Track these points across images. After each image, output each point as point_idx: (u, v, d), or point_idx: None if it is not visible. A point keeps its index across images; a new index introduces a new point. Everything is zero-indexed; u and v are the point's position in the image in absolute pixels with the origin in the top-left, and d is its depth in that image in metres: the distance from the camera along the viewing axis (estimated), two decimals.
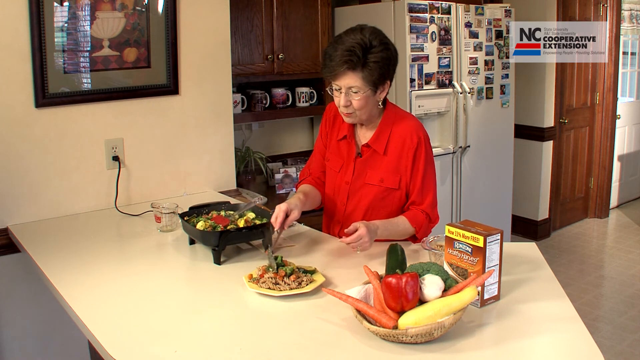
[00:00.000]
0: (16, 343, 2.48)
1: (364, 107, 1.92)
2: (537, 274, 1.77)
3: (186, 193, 2.86)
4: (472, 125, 3.92)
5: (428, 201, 2.01)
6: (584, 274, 4.37)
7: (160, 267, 1.96)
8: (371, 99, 1.93)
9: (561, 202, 5.30)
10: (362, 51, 1.83)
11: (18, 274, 2.43)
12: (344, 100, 1.91)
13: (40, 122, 2.44)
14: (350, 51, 1.83)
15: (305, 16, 3.57)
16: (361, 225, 1.83)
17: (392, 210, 2.04)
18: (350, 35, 1.86)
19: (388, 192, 2.03)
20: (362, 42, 1.84)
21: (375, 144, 2.02)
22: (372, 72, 1.85)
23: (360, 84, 1.87)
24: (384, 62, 1.86)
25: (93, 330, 1.49)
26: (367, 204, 2.05)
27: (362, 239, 1.83)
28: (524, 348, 1.39)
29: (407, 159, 1.99)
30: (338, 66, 1.85)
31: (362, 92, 1.88)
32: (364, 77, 1.86)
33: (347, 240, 1.83)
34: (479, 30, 3.96)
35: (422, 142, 1.99)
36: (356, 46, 1.83)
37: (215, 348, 1.42)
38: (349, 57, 1.83)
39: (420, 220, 2.00)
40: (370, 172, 2.04)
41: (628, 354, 3.25)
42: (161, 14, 2.67)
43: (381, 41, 1.87)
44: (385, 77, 1.91)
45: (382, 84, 1.92)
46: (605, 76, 5.34)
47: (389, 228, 1.95)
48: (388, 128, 2.01)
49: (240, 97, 3.45)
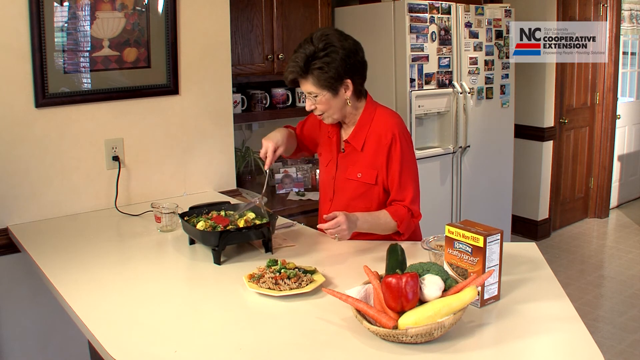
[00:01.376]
0: (16, 343, 2.48)
1: (330, 109, 2.01)
2: (537, 274, 1.77)
3: (186, 193, 2.86)
4: (472, 125, 3.92)
5: (409, 197, 2.04)
6: (584, 274, 4.37)
7: (160, 267, 1.96)
8: (334, 100, 1.99)
9: (561, 202, 5.30)
10: (304, 60, 1.93)
11: (18, 274, 2.43)
12: (308, 104, 2.04)
13: (40, 122, 2.44)
14: (295, 62, 1.95)
15: (305, 16, 3.57)
16: (340, 214, 1.88)
17: (372, 206, 2.08)
18: (301, 47, 1.96)
19: (366, 187, 2.07)
20: (307, 50, 1.93)
21: (354, 141, 2.08)
22: (318, 77, 1.94)
23: (314, 89, 1.97)
24: (329, 66, 1.92)
25: (93, 330, 1.49)
26: (348, 198, 2.10)
27: (340, 226, 1.86)
28: (524, 348, 1.39)
29: (382, 155, 2.03)
30: (286, 76, 1.99)
31: (321, 96, 1.98)
32: (314, 82, 1.95)
33: (324, 226, 1.87)
34: (479, 30, 3.96)
35: (397, 138, 2.02)
36: (300, 56, 1.94)
37: (215, 348, 1.42)
38: (293, 68, 1.96)
39: (401, 214, 2.02)
40: (350, 167, 2.10)
41: (628, 354, 3.25)
42: (161, 14, 2.67)
43: (326, 44, 1.93)
44: (339, 77, 1.95)
45: (341, 84, 1.97)
46: (605, 76, 5.34)
47: (369, 220, 1.99)
48: (367, 125, 2.07)
49: (240, 97, 3.45)
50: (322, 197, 2.24)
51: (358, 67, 2.00)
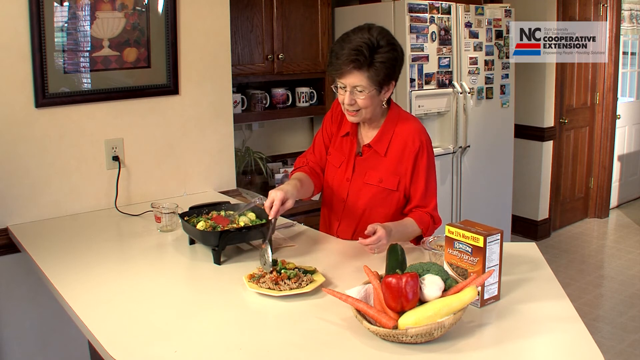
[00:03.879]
0: (16, 343, 2.48)
1: (369, 107, 1.93)
2: (537, 274, 1.77)
3: (186, 193, 2.86)
4: (472, 125, 3.92)
5: (432, 204, 2.03)
6: (584, 274, 4.37)
7: (160, 267, 1.96)
8: (375, 99, 1.93)
9: (561, 202, 5.30)
10: (369, 50, 1.83)
11: (18, 274, 2.43)
12: (348, 98, 1.91)
13: (40, 122, 2.44)
14: (358, 50, 1.83)
15: (305, 16, 3.57)
16: (379, 228, 1.81)
17: (390, 211, 2.05)
18: (358, 34, 1.86)
19: (387, 193, 2.03)
20: (370, 41, 1.84)
21: (377, 145, 2.03)
22: (378, 72, 1.86)
23: (366, 83, 1.87)
24: (390, 63, 1.87)
25: (93, 330, 1.49)
26: (366, 203, 2.05)
27: (381, 241, 1.80)
28: (524, 348, 1.39)
29: (407, 161, 1.99)
30: (345, 64, 1.85)
31: (367, 92, 1.89)
32: (370, 76, 1.86)
33: (366, 242, 1.80)
34: (479, 30, 3.96)
35: (424, 145, 2.00)
36: (363, 45, 1.83)
37: (215, 348, 1.42)
38: (356, 56, 1.83)
39: (426, 221, 2.00)
40: (370, 172, 2.04)
41: (628, 354, 3.25)
42: (161, 14, 2.67)
43: (389, 41, 1.88)
44: (390, 77, 1.91)
45: (387, 85, 1.93)
46: (605, 76, 5.34)
47: (400, 230, 1.95)
48: (391, 129, 2.02)
49: (240, 97, 3.45)
50: (332, 198, 2.15)
51: (400, 72, 1.97)
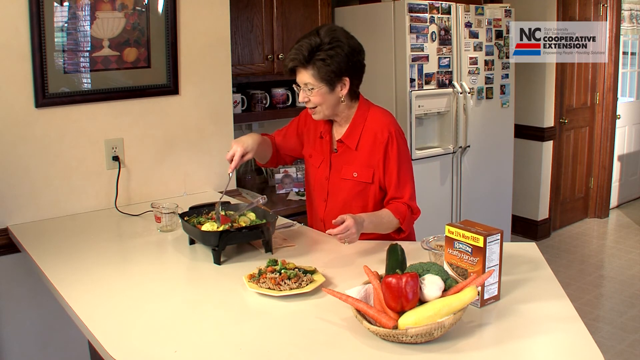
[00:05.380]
0: (16, 343, 2.48)
1: (323, 103, 2.01)
2: (537, 274, 1.77)
3: (186, 193, 2.86)
4: (472, 125, 3.92)
5: (407, 194, 2.05)
6: (584, 274, 4.37)
7: (160, 267, 1.96)
8: (329, 96, 1.99)
9: (561, 202, 5.30)
10: (308, 50, 1.93)
11: (18, 274, 2.43)
12: (301, 96, 2.03)
13: (40, 122, 2.44)
14: (298, 50, 1.94)
15: (305, 16, 3.57)
16: (348, 217, 1.86)
17: (368, 204, 2.08)
18: (305, 37, 1.97)
19: (362, 186, 2.07)
20: (313, 41, 1.94)
21: (348, 140, 2.08)
22: (319, 69, 1.94)
23: (312, 80, 1.96)
24: (332, 60, 1.93)
25: (93, 330, 1.49)
26: (344, 198, 2.10)
27: (349, 230, 1.85)
28: (524, 348, 1.39)
29: (378, 153, 2.04)
30: (286, 64, 1.99)
31: (317, 89, 1.97)
32: (313, 74, 1.95)
33: (334, 231, 1.85)
34: (479, 30, 3.96)
35: (393, 136, 2.03)
36: (305, 45, 1.94)
37: (215, 348, 1.42)
38: (295, 56, 1.95)
39: (402, 211, 2.03)
40: (345, 167, 2.09)
41: (628, 354, 3.25)
42: (161, 14, 2.67)
43: (333, 39, 1.94)
44: (338, 74, 1.96)
45: (339, 81, 1.98)
46: (605, 76, 5.34)
47: (374, 221, 1.99)
48: (361, 123, 2.07)
49: (240, 97, 3.45)
50: (314, 198, 2.22)
51: (358, 67, 2.01)
